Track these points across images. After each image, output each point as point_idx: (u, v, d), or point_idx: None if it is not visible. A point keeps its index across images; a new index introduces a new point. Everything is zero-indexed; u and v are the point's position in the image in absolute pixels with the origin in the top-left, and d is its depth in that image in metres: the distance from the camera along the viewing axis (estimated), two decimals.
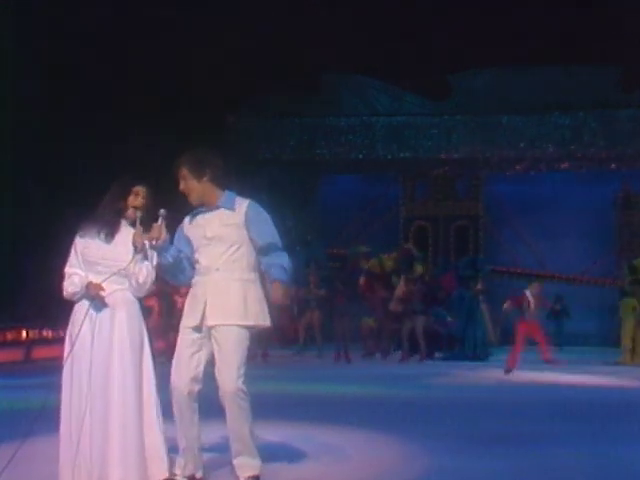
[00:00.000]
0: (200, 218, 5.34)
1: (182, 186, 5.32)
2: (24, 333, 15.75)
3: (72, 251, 5.33)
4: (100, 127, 16.63)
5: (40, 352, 15.37)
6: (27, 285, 16.38)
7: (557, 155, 21.90)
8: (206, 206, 5.32)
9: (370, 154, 22.46)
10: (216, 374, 5.16)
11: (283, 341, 18.37)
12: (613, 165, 21.97)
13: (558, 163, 22.15)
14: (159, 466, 5.15)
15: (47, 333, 16.02)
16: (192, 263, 5.34)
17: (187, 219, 5.41)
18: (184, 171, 5.30)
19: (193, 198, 5.32)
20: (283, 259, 5.27)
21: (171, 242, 5.29)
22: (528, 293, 13.24)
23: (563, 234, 21.84)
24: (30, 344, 15.61)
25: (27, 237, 16.68)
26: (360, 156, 22.50)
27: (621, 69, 21.14)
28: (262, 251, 5.28)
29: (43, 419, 5.20)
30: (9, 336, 15.56)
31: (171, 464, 5.28)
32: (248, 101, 21.78)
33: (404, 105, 23.11)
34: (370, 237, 21.95)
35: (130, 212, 5.30)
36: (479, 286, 17.15)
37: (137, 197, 5.32)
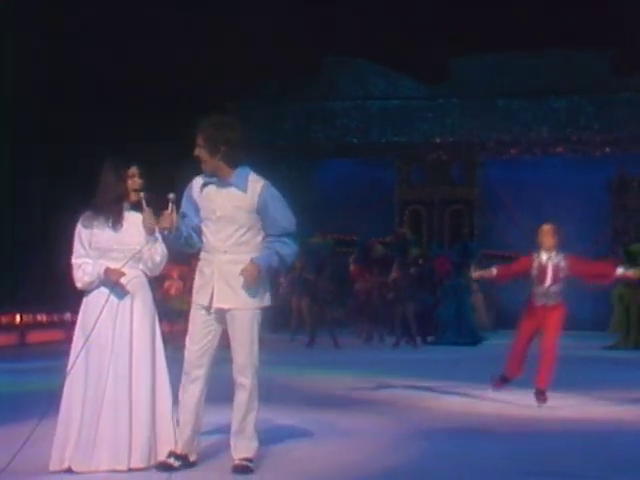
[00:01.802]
0: (211, 190, 5.26)
1: (196, 152, 5.24)
2: (18, 317, 15.74)
3: (76, 241, 5.34)
4: (100, 115, 16.61)
5: (34, 336, 15.39)
6: (24, 270, 16.37)
7: (552, 139, 21.87)
8: (218, 178, 5.25)
9: (365, 138, 22.41)
10: (232, 353, 5.23)
11: (276, 326, 18.33)
12: (608, 149, 21.94)
13: (553, 147, 22.13)
14: (167, 449, 5.24)
15: (42, 317, 16.03)
16: (199, 234, 5.31)
17: (198, 184, 5.30)
18: (199, 140, 5.21)
19: (206, 168, 5.26)
20: (285, 247, 5.21)
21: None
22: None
23: (558, 218, 21.77)
24: (24, 328, 15.62)
25: (25, 223, 16.69)
26: (355, 140, 22.45)
27: (617, 53, 21.10)
28: (273, 234, 5.25)
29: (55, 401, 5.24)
30: (3, 320, 15.55)
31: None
32: (244, 85, 21.73)
33: (399, 89, 23.06)
34: (365, 221, 21.96)
35: (132, 195, 5.32)
36: (474, 273, 17.12)
37: (134, 179, 5.33)
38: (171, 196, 5.15)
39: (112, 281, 5.19)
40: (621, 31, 19.45)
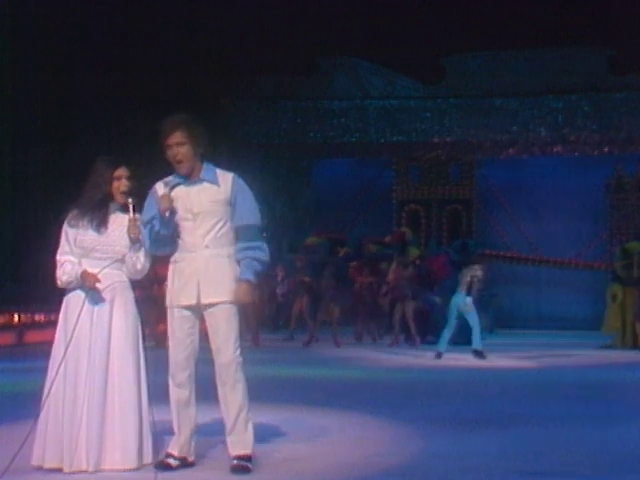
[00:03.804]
0: (182, 190, 5.20)
1: (174, 151, 5.15)
2: (16, 317, 15.73)
3: (63, 238, 5.32)
4: (100, 115, 16.65)
5: (32, 336, 15.37)
6: (21, 268, 16.37)
7: (550, 139, 21.90)
8: (187, 178, 5.21)
9: (363, 137, 22.44)
10: (212, 348, 5.18)
11: (273, 326, 18.36)
12: (606, 149, 21.97)
13: (551, 147, 22.15)
14: (149, 450, 5.24)
15: (39, 317, 16.01)
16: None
17: (162, 188, 5.22)
18: (182, 137, 5.15)
19: (185, 167, 5.18)
20: (258, 251, 5.18)
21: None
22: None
23: (556, 218, 21.87)
24: (22, 328, 15.61)
25: (24, 221, 16.69)
26: (353, 139, 22.48)
27: (614, 52, 21.12)
28: (241, 233, 5.21)
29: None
30: (1, 320, 15.54)
31: (163, 445, 5.35)
32: (241, 84, 21.74)
33: (397, 88, 23.08)
34: (363, 221, 21.97)
35: (118, 197, 5.28)
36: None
37: (121, 181, 5.27)
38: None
39: (87, 286, 5.19)
40: (619, 30, 19.47)
